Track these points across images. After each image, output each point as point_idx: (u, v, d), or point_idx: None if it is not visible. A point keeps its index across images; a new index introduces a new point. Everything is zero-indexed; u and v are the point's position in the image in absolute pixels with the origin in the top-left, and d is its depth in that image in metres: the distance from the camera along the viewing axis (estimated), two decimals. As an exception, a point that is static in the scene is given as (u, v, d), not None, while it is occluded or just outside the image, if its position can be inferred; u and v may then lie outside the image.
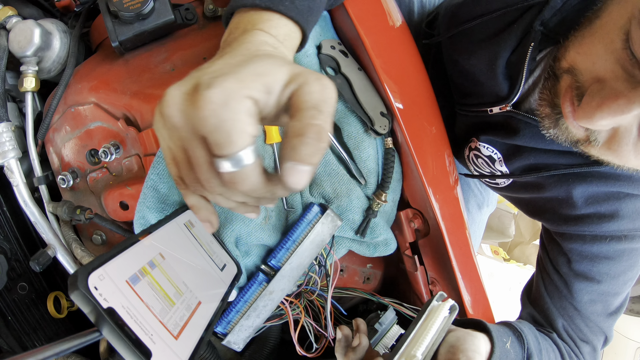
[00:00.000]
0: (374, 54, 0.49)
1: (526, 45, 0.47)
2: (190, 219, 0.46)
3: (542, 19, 0.46)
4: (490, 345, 0.45)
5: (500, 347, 0.45)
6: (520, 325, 0.52)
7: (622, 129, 0.37)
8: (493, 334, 0.45)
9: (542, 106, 0.45)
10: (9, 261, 0.54)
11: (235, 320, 0.50)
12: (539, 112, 0.46)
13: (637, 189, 0.50)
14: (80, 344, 0.27)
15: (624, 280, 0.55)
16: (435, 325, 0.42)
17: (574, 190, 0.52)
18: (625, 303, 0.58)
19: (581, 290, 0.55)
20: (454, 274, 0.56)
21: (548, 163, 0.54)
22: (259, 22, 0.34)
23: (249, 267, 0.52)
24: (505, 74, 0.52)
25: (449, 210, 0.55)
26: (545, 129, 0.46)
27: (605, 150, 0.41)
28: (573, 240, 0.55)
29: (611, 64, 0.36)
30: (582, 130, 0.41)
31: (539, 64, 0.50)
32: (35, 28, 0.48)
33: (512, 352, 0.47)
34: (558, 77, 0.43)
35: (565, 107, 0.41)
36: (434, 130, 0.53)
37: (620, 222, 0.52)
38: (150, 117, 0.47)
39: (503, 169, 0.59)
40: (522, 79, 0.49)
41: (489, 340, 0.45)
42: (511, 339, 0.49)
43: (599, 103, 0.36)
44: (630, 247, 0.53)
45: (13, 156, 0.49)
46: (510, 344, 0.48)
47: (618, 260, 0.53)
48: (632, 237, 0.52)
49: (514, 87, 0.51)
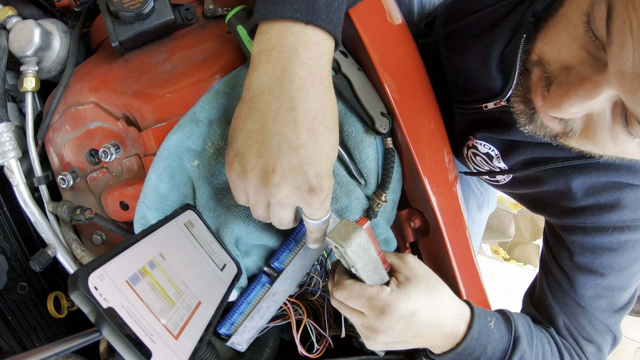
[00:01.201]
0: (372, 51, 0.49)
1: (518, 37, 0.47)
2: (190, 219, 0.46)
3: (534, 10, 0.46)
4: (470, 318, 0.46)
5: (480, 323, 0.46)
6: (511, 312, 0.52)
7: (595, 115, 0.36)
8: (474, 309, 0.46)
9: (516, 102, 0.45)
10: (9, 261, 0.54)
11: (239, 322, 0.50)
12: (514, 109, 0.45)
13: (638, 179, 0.49)
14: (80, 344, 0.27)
15: (629, 273, 0.53)
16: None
17: (573, 182, 0.52)
18: (634, 300, 0.56)
19: (584, 285, 0.54)
20: (454, 274, 0.56)
21: (545, 157, 0.53)
22: (298, 45, 0.35)
23: (249, 267, 0.52)
24: (499, 68, 0.52)
25: (448, 208, 0.54)
26: (522, 126, 0.45)
27: (583, 140, 0.39)
28: (574, 233, 0.54)
29: (576, 50, 0.36)
30: (557, 122, 0.40)
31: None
32: (35, 28, 0.48)
33: (495, 333, 0.47)
34: (529, 71, 0.42)
35: (537, 101, 0.40)
36: (432, 125, 0.53)
37: (622, 212, 0.50)
38: (150, 117, 0.47)
39: (501, 165, 0.59)
40: (515, 72, 0.48)
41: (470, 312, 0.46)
42: (496, 319, 0.49)
43: (565, 90, 0.35)
44: (634, 238, 0.51)
45: (13, 156, 0.49)
46: (494, 323, 0.48)
47: (622, 252, 0.52)
48: (635, 228, 0.51)
49: (507, 81, 0.51)
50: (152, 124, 0.46)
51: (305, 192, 0.35)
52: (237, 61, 0.48)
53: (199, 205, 0.48)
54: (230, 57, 0.47)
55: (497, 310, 0.53)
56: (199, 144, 0.46)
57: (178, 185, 0.47)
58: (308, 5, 0.35)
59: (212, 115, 0.45)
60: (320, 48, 0.36)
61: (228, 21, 0.45)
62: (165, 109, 0.46)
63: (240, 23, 0.44)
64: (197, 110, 0.45)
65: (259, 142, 0.35)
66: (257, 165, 0.35)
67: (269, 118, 0.35)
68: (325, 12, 0.36)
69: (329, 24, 0.36)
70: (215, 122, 0.46)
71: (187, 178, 0.48)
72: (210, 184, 0.48)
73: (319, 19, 0.35)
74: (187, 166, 0.47)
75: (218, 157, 0.47)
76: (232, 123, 0.38)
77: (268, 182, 0.35)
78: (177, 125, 0.44)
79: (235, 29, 0.44)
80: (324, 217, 0.40)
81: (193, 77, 0.47)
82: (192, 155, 0.46)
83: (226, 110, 0.46)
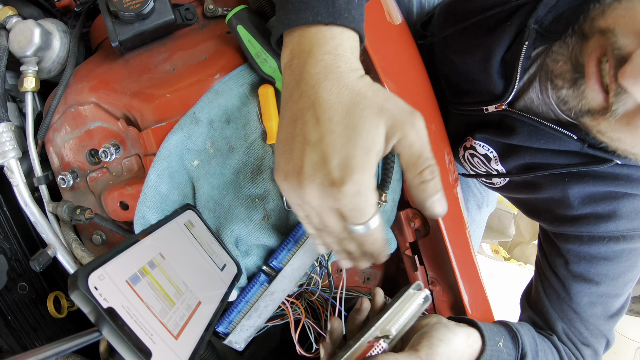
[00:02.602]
0: (372, 52, 0.49)
1: (520, 43, 0.47)
2: (190, 219, 0.46)
3: (537, 16, 0.46)
4: (482, 343, 0.45)
5: (491, 346, 0.45)
6: (517, 326, 0.52)
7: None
8: (484, 333, 0.45)
9: (557, 62, 0.43)
10: (9, 261, 0.54)
11: (237, 320, 0.50)
12: (551, 68, 0.44)
13: (636, 188, 0.49)
14: (80, 344, 0.27)
15: (623, 281, 0.54)
16: (409, 309, 0.45)
17: (570, 190, 0.52)
18: (626, 305, 0.57)
19: (580, 293, 0.55)
20: (454, 274, 0.56)
21: (544, 162, 0.53)
22: (313, 45, 0.33)
23: (249, 267, 0.52)
24: (499, 72, 0.51)
25: (449, 209, 0.54)
26: (556, 89, 0.43)
27: (623, 125, 0.38)
28: (570, 241, 0.54)
29: None
30: (601, 98, 0.39)
31: (534, 61, 0.50)
32: (35, 28, 0.48)
33: (504, 352, 0.47)
34: (587, 35, 0.40)
35: (590, 66, 0.39)
36: (433, 128, 0.53)
37: (619, 222, 0.51)
38: (150, 117, 0.47)
39: (499, 168, 0.59)
40: (516, 77, 0.48)
41: (480, 337, 0.45)
42: (504, 338, 0.49)
43: None
44: (629, 247, 0.52)
45: (13, 156, 0.49)
46: (503, 342, 0.48)
47: (617, 261, 0.53)
48: (631, 238, 0.51)
49: (508, 86, 0.50)
50: (152, 124, 0.46)
51: (328, 187, 0.31)
52: (237, 61, 0.48)
53: (199, 205, 0.48)
54: (230, 57, 0.47)
55: (501, 323, 0.53)
56: (199, 144, 0.46)
57: (178, 185, 0.47)
58: (327, 7, 0.33)
59: (212, 115, 0.45)
60: (336, 41, 0.34)
61: (228, 21, 0.45)
62: (165, 109, 0.46)
63: (240, 23, 0.44)
64: (197, 110, 0.45)
65: (288, 150, 0.33)
66: (287, 172, 0.33)
67: (292, 122, 0.33)
68: (347, 10, 0.34)
69: (352, 22, 0.34)
70: (215, 122, 0.46)
71: (187, 178, 0.48)
72: (210, 184, 0.48)
73: (341, 17, 0.34)
74: (187, 166, 0.47)
75: (218, 157, 0.47)
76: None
77: (297, 186, 0.33)
78: (177, 125, 0.44)
79: (235, 29, 0.44)
80: (366, 220, 0.33)
81: (193, 77, 0.47)
82: (192, 155, 0.46)
83: (226, 110, 0.46)
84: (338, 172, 0.31)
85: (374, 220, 0.33)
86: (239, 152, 0.47)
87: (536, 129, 0.50)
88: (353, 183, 0.30)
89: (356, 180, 0.30)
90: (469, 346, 0.44)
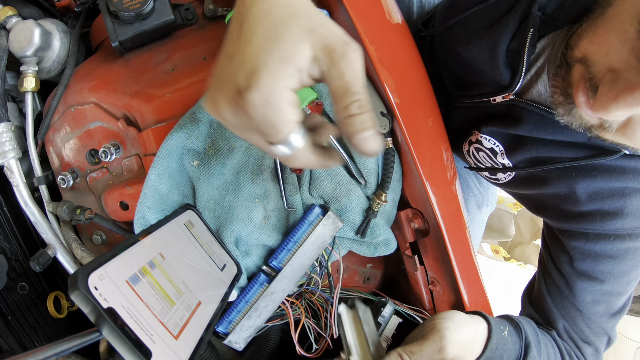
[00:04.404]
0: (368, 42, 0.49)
1: (525, 31, 0.47)
2: (190, 219, 0.46)
3: (540, 3, 0.46)
4: (488, 331, 0.46)
5: (497, 334, 0.46)
6: (518, 318, 0.52)
7: (636, 116, 0.38)
8: (490, 321, 0.47)
9: (555, 94, 0.45)
10: (9, 261, 0.54)
11: (237, 320, 0.50)
12: (553, 99, 0.46)
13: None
14: (80, 344, 0.27)
15: (628, 280, 0.54)
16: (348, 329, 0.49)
17: (577, 186, 0.51)
18: (629, 303, 0.57)
19: (583, 290, 0.54)
20: (454, 274, 0.56)
21: (551, 156, 0.53)
22: None
23: (249, 267, 0.52)
24: (506, 62, 0.51)
25: (448, 207, 0.54)
26: (560, 116, 0.45)
27: (620, 135, 0.41)
28: (576, 238, 0.54)
29: (625, 55, 0.36)
30: (596, 118, 0.41)
31: (541, 52, 0.50)
32: (35, 28, 0.48)
33: (509, 341, 0.48)
34: (570, 65, 0.42)
35: (578, 97, 0.41)
36: (430, 123, 0.53)
37: (625, 220, 0.50)
38: (150, 117, 0.47)
39: (505, 162, 0.58)
40: (523, 66, 0.48)
41: (486, 326, 0.47)
42: (508, 327, 0.49)
43: (615, 95, 0.36)
44: (635, 245, 0.52)
45: (13, 156, 0.49)
46: (507, 332, 0.48)
47: (622, 259, 0.52)
48: (637, 236, 0.51)
49: (515, 75, 0.50)
50: (152, 124, 0.46)
51: (236, 97, 0.28)
52: (237, 61, 0.48)
53: (199, 205, 0.48)
54: (230, 57, 0.47)
55: (502, 316, 0.54)
56: (199, 144, 0.46)
57: (178, 185, 0.47)
58: None
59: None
60: None
61: (228, 21, 0.45)
62: (165, 109, 0.46)
63: (240, 23, 0.44)
64: (197, 110, 0.45)
65: (215, 73, 0.31)
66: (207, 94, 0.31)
67: (224, 43, 0.31)
68: None
69: None
70: (215, 122, 0.46)
71: (187, 178, 0.48)
72: (210, 184, 0.48)
73: None
74: (187, 166, 0.47)
75: (218, 157, 0.47)
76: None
77: (213, 105, 0.30)
78: (177, 125, 0.44)
79: (235, 29, 0.44)
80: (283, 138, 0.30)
81: (193, 77, 0.47)
82: (192, 155, 0.46)
83: (226, 110, 0.46)
84: (243, 79, 0.28)
85: (294, 137, 0.30)
86: (239, 152, 0.47)
87: (543, 118, 0.50)
88: (259, 90, 0.27)
89: (262, 87, 0.27)
90: (477, 334, 0.46)
